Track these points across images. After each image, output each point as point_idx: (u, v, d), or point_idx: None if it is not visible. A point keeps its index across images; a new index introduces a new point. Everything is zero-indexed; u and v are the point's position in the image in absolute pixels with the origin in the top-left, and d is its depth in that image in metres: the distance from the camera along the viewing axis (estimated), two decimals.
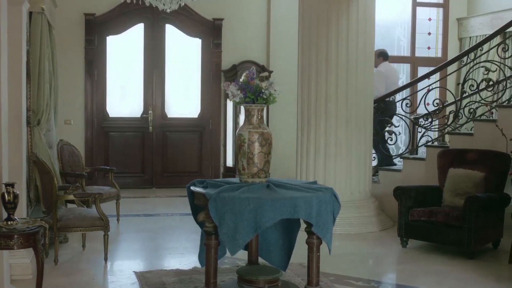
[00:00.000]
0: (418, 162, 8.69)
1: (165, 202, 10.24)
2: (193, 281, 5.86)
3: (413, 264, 6.76)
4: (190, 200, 5.33)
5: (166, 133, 11.54)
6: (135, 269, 6.31)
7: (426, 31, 13.01)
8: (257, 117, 5.18)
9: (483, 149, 7.63)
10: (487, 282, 6.18)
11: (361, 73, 8.19)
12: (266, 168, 5.18)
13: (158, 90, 11.49)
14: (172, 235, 8.00)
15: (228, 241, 4.72)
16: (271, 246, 5.59)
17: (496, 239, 7.44)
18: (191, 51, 11.68)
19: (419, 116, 9.50)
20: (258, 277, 5.11)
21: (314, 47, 8.17)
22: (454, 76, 10.96)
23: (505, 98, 8.95)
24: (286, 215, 4.76)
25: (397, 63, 12.96)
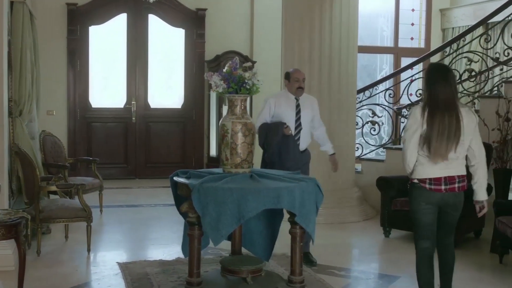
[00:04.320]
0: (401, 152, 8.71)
1: (148, 193, 10.21)
2: (176, 271, 5.86)
3: (395, 254, 6.80)
4: (173, 190, 5.33)
5: (149, 124, 11.49)
6: (118, 260, 6.30)
7: (409, 22, 13.02)
8: (240, 108, 5.18)
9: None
10: (469, 270, 6.23)
11: (344, 63, 8.20)
12: (249, 159, 5.18)
13: (141, 81, 11.43)
14: (155, 226, 7.99)
15: (211, 231, 4.72)
16: (254, 236, 5.60)
17: (477, 228, 7.51)
18: (175, 41, 11.63)
19: (402, 107, 9.53)
20: (241, 267, 5.12)
21: (297, 37, 8.18)
22: None
23: (487, 88, 9.00)
24: (269, 205, 4.77)
25: (380, 53, 13.01)
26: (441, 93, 4.60)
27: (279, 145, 6.18)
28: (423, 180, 4.73)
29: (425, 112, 4.61)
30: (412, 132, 4.67)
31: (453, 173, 4.75)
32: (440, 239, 4.92)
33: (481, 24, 9.19)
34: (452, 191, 4.78)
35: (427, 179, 4.73)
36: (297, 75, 6.38)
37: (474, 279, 6.00)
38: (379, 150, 10.00)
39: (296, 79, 6.34)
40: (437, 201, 4.77)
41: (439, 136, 4.57)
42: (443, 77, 4.66)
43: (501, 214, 6.39)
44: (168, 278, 5.66)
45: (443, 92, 4.60)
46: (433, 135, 4.57)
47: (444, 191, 4.75)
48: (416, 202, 4.80)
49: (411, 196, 4.84)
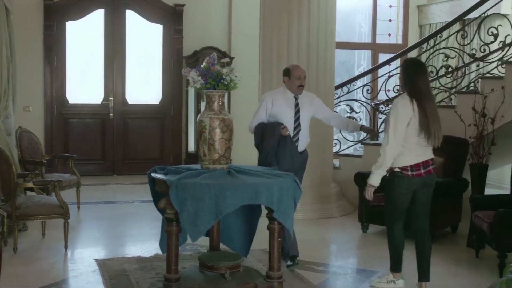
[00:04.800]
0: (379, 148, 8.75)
1: (126, 189, 10.17)
2: (154, 268, 5.85)
3: (373, 249, 6.84)
4: (151, 187, 5.30)
5: (127, 120, 11.44)
6: (96, 256, 6.27)
7: (387, 18, 13.09)
8: (218, 103, 5.17)
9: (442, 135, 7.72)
10: (446, 265, 6.28)
11: (322, 59, 8.22)
12: (227, 155, 5.18)
13: (119, 77, 11.38)
14: (133, 222, 7.97)
15: (189, 227, 4.71)
16: (233, 232, 5.59)
17: (454, 223, 7.57)
18: (152, 37, 11.58)
19: (380, 102, 9.58)
20: (220, 263, 5.11)
21: (275, 33, 8.18)
22: None
23: (464, 84, 9.07)
24: (247, 201, 4.77)
25: (358, 49, 13.06)
26: (423, 83, 5.15)
27: (275, 146, 5.90)
28: (405, 168, 5.19)
29: (413, 103, 5.08)
30: (404, 125, 5.11)
31: (427, 157, 5.28)
32: (416, 221, 5.40)
33: (458, 21, 9.26)
34: (429, 173, 5.27)
35: (408, 167, 5.18)
36: (298, 72, 6.04)
37: (451, 273, 6.05)
38: (357, 146, 10.05)
39: (298, 76, 6.01)
40: (417, 186, 5.26)
41: (434, 121, 5.15)
42: (421, 69, 5.24)
43: (477, 209, 6.45)
44: (146, 275, 5.65)
45: (424, 82, 5.16)
46: (429, 121, 5.10)
47: (423, 175, 5.22)
48: (398, 189, 5.26)
49: (392, 184, 5.28)
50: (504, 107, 7.21)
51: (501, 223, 5.85)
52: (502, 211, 5.91)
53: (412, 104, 5.08)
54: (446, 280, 5.82)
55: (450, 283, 5.76)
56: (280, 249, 5.12)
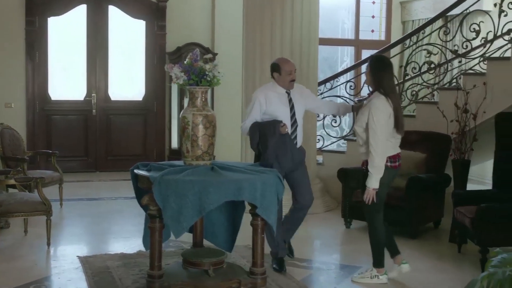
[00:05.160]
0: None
1: (109, 186, 10.14)
2: (137, 264, 5.83)
3: (356, 244, 6.86)
4: (134, 183, 5.28)
5: (110, 116, 11.39)
6: (78, 253, 6.24)
7: (370, 14, 13.12)
8: (201, 100, 5.16)
9: (425, 131, 7.78)
10: (429, 260, 6.32)
11: (305, 56, 8.23)
12: (211, 151, 5.17)
13: (102, 73, 11.32)
14: (116, 219, 7.95)
15: (173, 224, 4.70)
16: (216, 229, 5.60)
17: (437, 218, 7.62)
18: (135, 33, 11.53)
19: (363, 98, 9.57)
20: (203, 260, 5.11)
21: (258, 29, 8.17)
22: (397, 58, 11.08)
23: (446, 80, 9.12)
24: (230, 197, 4.77)
25: (341, 46, 13.08)
26: (391, 78, 5.45)
27: (275, 145, 5.59)
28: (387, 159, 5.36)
29: (388, 100, 5.29)
30: (387, 123, 5.28)
31: (399, 150, 5.52)
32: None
33: (440, 17, 9.29)
34: (400, 167, 5.53)
35: (388, 158, 5.37)
36: (289, 67, 5.74)
37: (434, 268, 6.09)
38: (340, 142, 10.07)
39: (288, 71, 5.72)
40: (393, 177, 5.52)
41: (401, 112, 5.41)
42: (388, 64, 5.49)
43: (459, 204, 6.48)
44: (129, 271, 5.63)
45: (391, 77, 5.47)
46: (399, 114, 5.32)
47: (398, 167, 5.48)
48: (381, 180, 5.33)
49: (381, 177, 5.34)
50: (486, 103, 7.26)
51: (483, 218, 5.89)
52: (484, 206, 5.95)
53: (388, 101, 5.28)
54: (429, 275, 5.86)
55: (432, 278, 5.80)
56: (263, 245, 5.12)
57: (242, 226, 5.55)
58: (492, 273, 3.14)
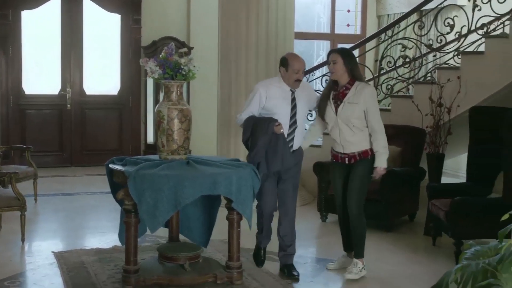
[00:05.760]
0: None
1: (84, 181, 10.07)
2: (113, 259, 5.81)
3: (332, 237, 6.88)
4: (109, 178, 5.26)
5: (85, 111, 11.30)
6: (53, 249, 6.20)
7: (345, 9, 13.15)
8: (176, 94, 5.15)
9: (400, 125, 7.82)
10: (404, 253, 6.37)
11: (281, 50, 8.21)
12: (186, 145, 5.16)
13: (76, 67, 11.22)
14: (92, 214, 7.91)
15: (148, 218, 4.69)
16: (192, 223, 5.59)
17: (412, 211, 7.68)
18: (110, 27, 11.44)
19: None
20: (179, 254, 5.12)
21: (234, 23, 8.16)
22: (372, 53, 11.13)
23: (421, 74, 9.17)
24: (206, 192, 4.77)
25: (317, 40, 13.10)
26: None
27: (266, 145, 5.28)
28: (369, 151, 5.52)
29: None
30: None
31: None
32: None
33: (415, 11, 9.33)
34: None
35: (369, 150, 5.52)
36: (297, 65, 5.40)
37: (409, 261, 6.14)
38: None
39: (296, 70, 5.38)
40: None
41: None
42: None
43: (434, 197, 6.54)
44: (104, 267, 5.61)
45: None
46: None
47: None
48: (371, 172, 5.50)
49: (370, 168, 5.49)
50: (460, 97, 7.30)
51: (457, 211, 5.95)
52: (458, 199, 6.00)
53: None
54: (404, 268, 5.90)
55: (407, 270, 5.84)
56: (239, 239, 5.13)
57: (218, 220, 5.55)
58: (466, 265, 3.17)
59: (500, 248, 3.10)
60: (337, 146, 5.59)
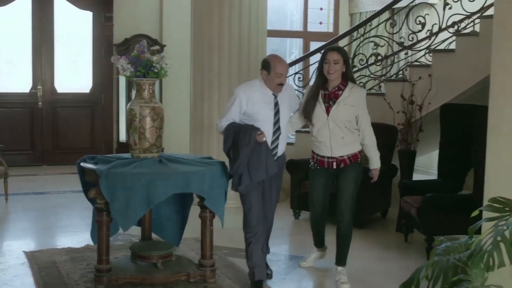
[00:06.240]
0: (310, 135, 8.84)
1: (56, 180, 9.98)
2: (85, 259, 5.77)
3: (305, 235, 6.88)
4: (81, 177, 5.24)
5: (56, 109, 11.20)
6: (24, 249, 6.14)
7: (318, 6, 13.18)
8: (148, 91, 5.13)
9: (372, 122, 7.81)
10: (376, 249, 6.41)
11: (254, 47, 8.22)
12: (158, 143, 5.15)
13: (47, 65, 11.12)
14: (64, 213, 7.84)
15: (120, 217, 4.67)
16: (164, 221, 5.57)
17: (384, 208, 7.72)
18: (82, 24, 11.34)
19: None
20: (152, 253, 5.10)
21: (206, 21, 8.13)
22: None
23: (392, 72, 9.23)
24: (178, 190, 4.77)
25: (290, 37, 13.12)
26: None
27: (249, 155, 4.91)
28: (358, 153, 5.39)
29: None
30: None
31: None
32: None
33: (387, 9, 9.39)
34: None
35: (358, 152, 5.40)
36: (280, 68, 5.02)
37: (381, 257, 6.18)
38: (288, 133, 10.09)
39: (279, 74, 5.00)
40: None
41: None
42: None
43: (406, 194, 6.60)
44: (76, 266, 5.57)
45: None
46: None
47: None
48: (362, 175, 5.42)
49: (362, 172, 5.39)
50: (431, 95, 7.36)
51: (429, 207, 6.00)
52: (429, 196, 6.06)
53: None
54: (376, 264, 5.94)
55: (380, 267, 5.88)
56: (212, 237, 5.13)
57: (191, 219, 5.54)
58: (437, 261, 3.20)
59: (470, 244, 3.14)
60: (324, 150, 5.24)
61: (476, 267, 2.96)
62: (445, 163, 6.96)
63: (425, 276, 3.19)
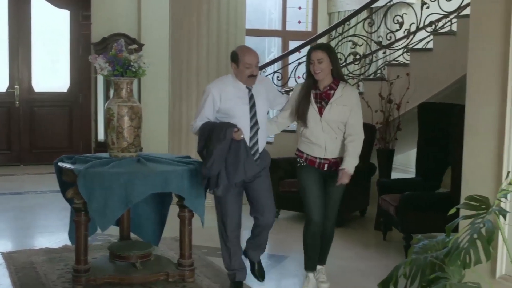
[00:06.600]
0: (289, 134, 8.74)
1: (34, 180, 9.91)
2: (63, 259, 5.73)
3: (284, 234, 6.92)
4: (58, 176, 5.19)
5: (34, 108, 11.11)
6: (2, 249, 6.08)
7: (297, 5, 13.19)
8: (126, 91, 5.11)
9: None
10: (355, 248, 6.44)
11: (232, 46, 8.18)
12: (137, 143, 5.13)
13: (25, 64, 11.03)
14: (41, 213, 7.78)
15: (98, 217, 4.65)
16: (143, 221, 5.55)
17: (363, 207, 7.75)
18: (59, 23, 11.26)
19: (290, 89, 9.66)
20: (130, 253, 5.08)
21: (185, 20, 8.11)
22: None
23: (371, 71, 9.27)
24: (157, 189, 4.75)
25: (268, 36, 13.12)
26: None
27: (224, 153, 4.62)
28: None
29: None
30: None
31: None
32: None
33: (365, 9, 9.42)
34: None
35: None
36: (249, 59, 4.76)
37: (360, 256, 6.20)
38: None
39: (248, 65, 4.74)
40: None
41: None
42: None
43: (384, 192, 6.63)
44: (54, 267, 5.53)
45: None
46: None
47: None
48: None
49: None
50: (409, 93, 7.40)
51: (407, 206, 6.04)
52: (407, 194, 6.10)
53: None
54: (355, 263, 5.96)
55: (359, 265, 5.90)
56: (191, 236, 5.12)
57: (170, 218, 5.52)
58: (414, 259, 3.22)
59: (447, 241, 3.16)
60: (318, 151, 4.94)
61: (453, 264, 2.98)
62: (423, 162, 7.00)
63: (403, 274, 3.21)
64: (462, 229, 3.13)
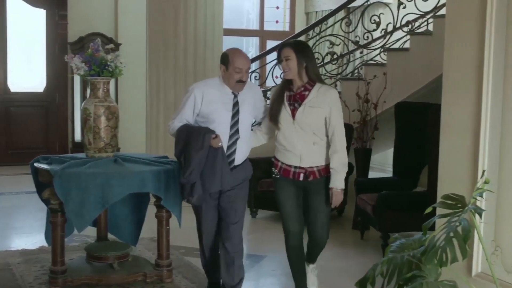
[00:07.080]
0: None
1: (10, 180, 9.81)
2: (40, 260, 5.68)
3: (262, 234, 6.92)
4: (34, 177, 5.14)
5: (9, 108, 11.01)
6: None
7: (274, 5, 13.21)
8: (103, 90, 5.08)
9: None
10: (333, 247, 6.43)
11: (210, 46, 8.21)
12: (114, 143, 5.10)
13: (0, 63, 10.93)
14: (17, 214, 7.72)
15: (75, 217, 4.62)
16: (120, 221, 5.52)
17: (340, 206, 7.75)
18: (35, 22, 11.17)
19: (268, 89, 9.67)
20: (107, 253, 5.06)
21: (162, 19, 8.10)
22: None
23: (348, 70, 9.30)
24: (134, 190, 4.73)
25: (246, 36, 13.12)
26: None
27: (202, 162, 4.37)
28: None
29: None
30: None
31: None
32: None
33: (342, 8, 9.46)
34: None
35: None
36: (240, 63, 4.44)
37: (338, 255, 6.21)
38: None
39: (238, 69, 4.43)
40: None
41: None
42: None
43: (362, 191, 6.65)
44: (31, 268, 5.48)
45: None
46: None
47: None
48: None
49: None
50: (386, 93, 7.44)
51: (384, 205, 6.07)
52: (384, 193, 6.13)
53: None
54: (333, 262, 5.96)
55: (337, 264, 5.92)
56: (168, 237, 5.10)
57: (147, 218, 5.50)
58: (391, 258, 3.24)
59: (424, 240, 3.18)
60: (292, 158, 4.58)
61: (429, 263, 3.00)
62: (400, 161, 7.04)
63: (380, 273, 3.22)
64: (439, 227, 3.15)
